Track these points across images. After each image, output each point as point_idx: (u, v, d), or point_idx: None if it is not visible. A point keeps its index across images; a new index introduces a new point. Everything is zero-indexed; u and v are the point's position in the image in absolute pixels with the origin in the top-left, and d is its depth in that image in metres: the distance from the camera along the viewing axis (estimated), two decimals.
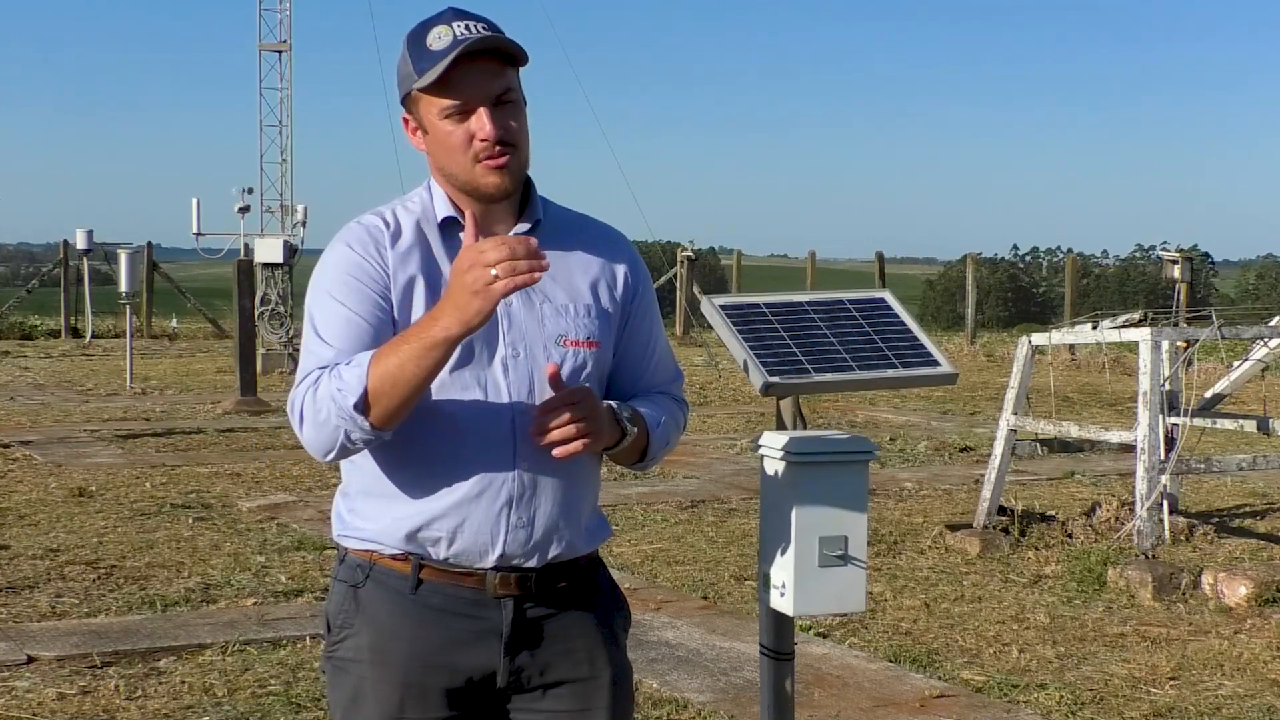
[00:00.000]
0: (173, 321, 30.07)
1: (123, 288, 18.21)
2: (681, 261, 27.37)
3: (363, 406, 2.26)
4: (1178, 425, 8.17)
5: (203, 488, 10.07)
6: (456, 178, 2.43)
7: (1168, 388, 8.16)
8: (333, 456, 2.35)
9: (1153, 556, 7.50)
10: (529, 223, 2.49)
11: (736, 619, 6.64)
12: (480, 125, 2.38)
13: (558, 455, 2.34)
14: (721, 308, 3.72)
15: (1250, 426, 8.49)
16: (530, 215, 2.49)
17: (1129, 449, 8.30)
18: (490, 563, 2.42)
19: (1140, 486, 7.63)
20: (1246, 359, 9.28)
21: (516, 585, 2.44)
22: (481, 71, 2.37)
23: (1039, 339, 8.81)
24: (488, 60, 2.38)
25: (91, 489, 9.84)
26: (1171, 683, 5.76)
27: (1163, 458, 7.67)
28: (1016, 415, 8.44)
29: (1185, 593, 7.06)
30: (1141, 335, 7.86)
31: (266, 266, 21.94)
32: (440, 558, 2.43)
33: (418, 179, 2.56)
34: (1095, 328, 9.79)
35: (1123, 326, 9.76)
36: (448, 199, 2.47)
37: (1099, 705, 5.47)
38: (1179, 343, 8.37)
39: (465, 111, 2.38)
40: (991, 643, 6.31)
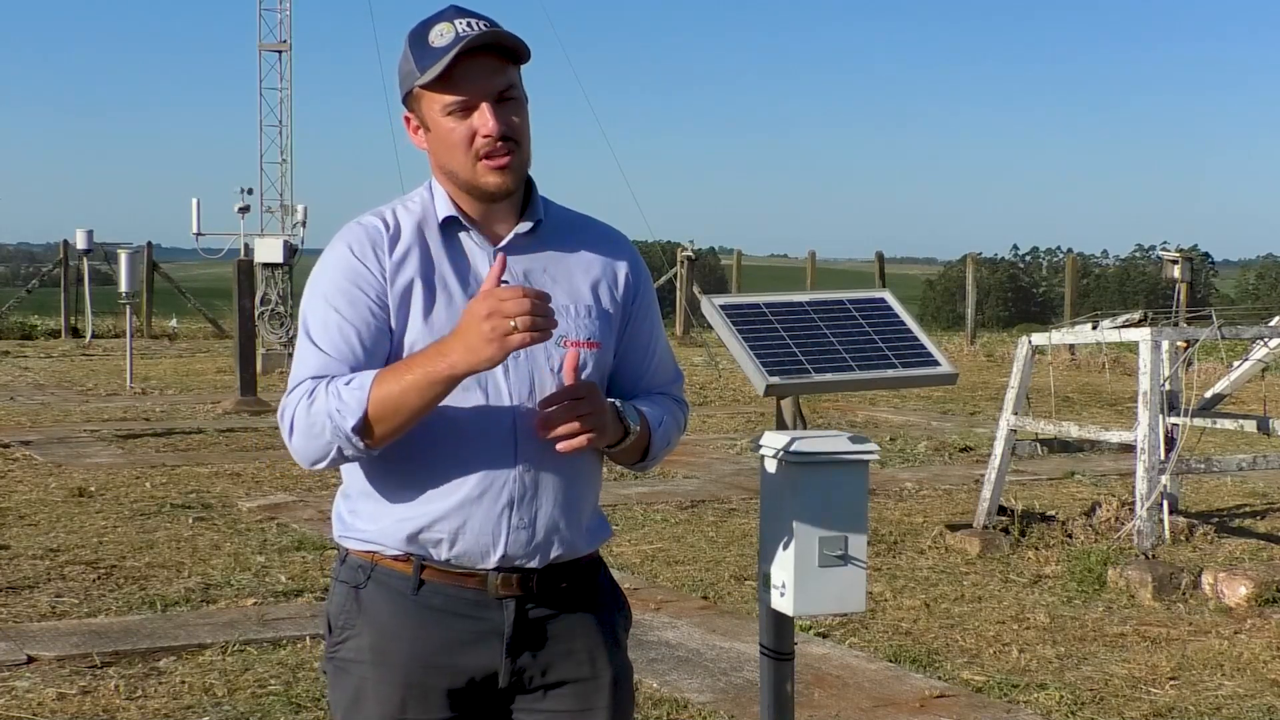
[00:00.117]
0: (173, 321, 30.06)
1: (123, 288, 18.21)
2: (681, 261, 27.36)
3: (361, 429, 2.29)
4: (1178, 425, 8.17)
5: (203, 488, 10.07)
6: (458, 176, 2.43)
7: (1168, 388, 8.16)
8: (321, 467, 2.38)
9: (1153, 556, 7.50)
10: (530, 222, 2.48)
11: (736, 619, 6.64)
12: (483, 121, 2.38)
13: (561, 450, 2.35)
14: (721, 308, 3.72)
15: (1250, 426, 8.50)
16: (531, 215, 2.49)
17: (1129, 449, 8.30)
18: (492, 563, 2.42)
19: (1140, 486, 7.63)
20: (1246, 359, 9.28)
21: (518, 586, 2.44)
22: (484, 68, 2.38)
23: (1039, 339, 8.81)
24: (490, 57, 2.38)
25: (91, 489, 9.84)
26: (1171, 683, 5.76)
27: (1163, 458, 7.67)
28: (1016, 415, 8.44)
29: (1185, 593, 7.06)
30: (1141, 335, 7.86)
31: (266, 266, 21.95)
32: (442, 559, 2.43)
33: (418, 179, 2.55)
34: (1095, 328, 9.79)
35: (1123, 326, 9.76)
36: (449, 199, 2.46)
37: (1099, 705, 5.47)
38: (1179, 343, 8.37)
39: (468, 108, 2.38)
40: (991, 643, 6.31)
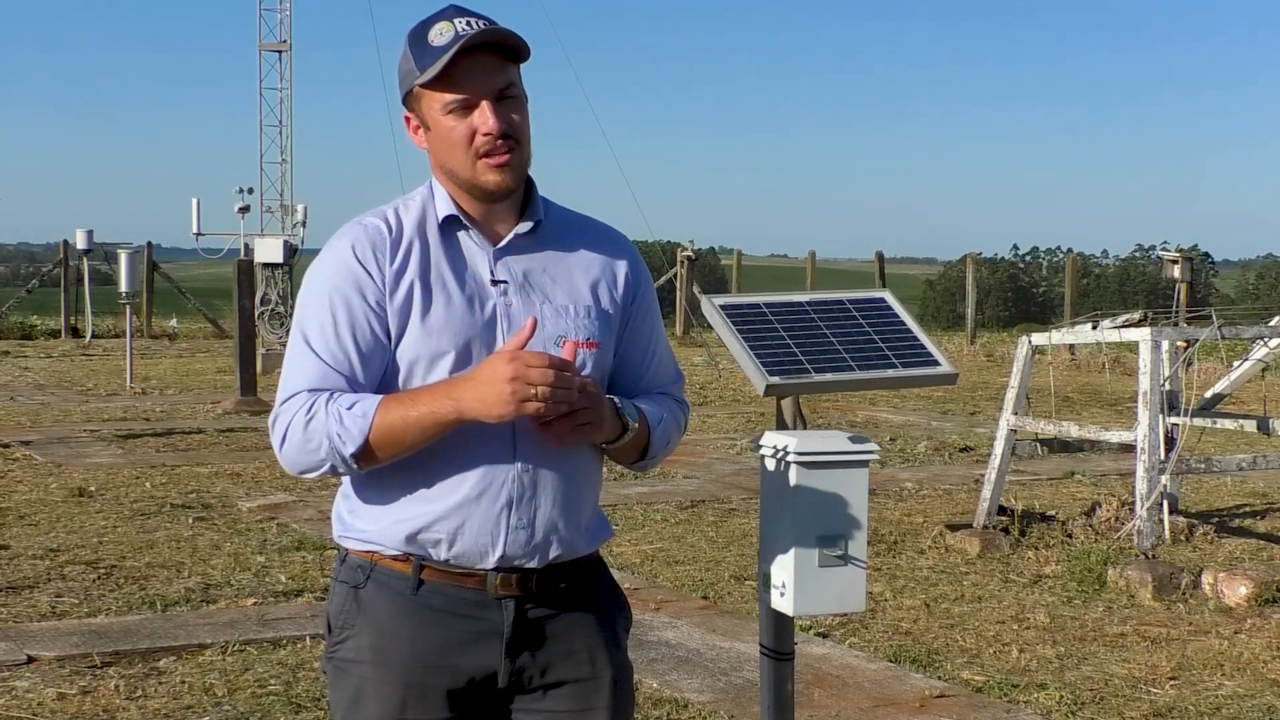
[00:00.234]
0: (173, 321, 30.05)
1: (123, 288, 18.21)
2: (681, 261, 27.35)
3: (359, 456, 2.33)
4: (1178, 425, 8.17)
5: (203, 488, 10.07)
6: (458, 175, 2.43)
7: (1168, 388, 8.16)
8: (309, 478, 2.42)
9: (1153, 556, 7.50)
10: (530, 222, 2.48)
11: (736, 619, 6.64)
12: (484, 119, 2.38)
13: (557, 444, 2.35)
14: (721, 308, 3.72)
15: (1250, 426, 8.50)
16: (531, 215, 2.49)
17: (1129, 449, 8.30)
18: (491, 564, 2.42)
19: (1140, 486, 7.63)
20: (1246, 359, 9.28)
21: (517, 586, 2.44)
22: (484, 66, 2.38)
23: (1039, 339, 8.81)
24: (490, 55, 2.39)
25: (91, 489, 9.84)
26: (1171, 683, 5.76)
27: (1163, 458, 7.67)
28: (1016, 415, 8.44)
29: (1185, 593, 7.06)
30: (1141, 335, 7.86)
31: (266, 266, 21.97)
32: (441, 559, 2.43)
33: (418, 179, 2.55)
34: (1095, 328, 9.79)
35: (1123, 326, 9.77)
36: (449, 198, 2.46)
37: (1099, 705, 5.47)
38: (1179, 343, 8.37)
39: (468, 106, 2.38)
40: (991, 643, 6.31)
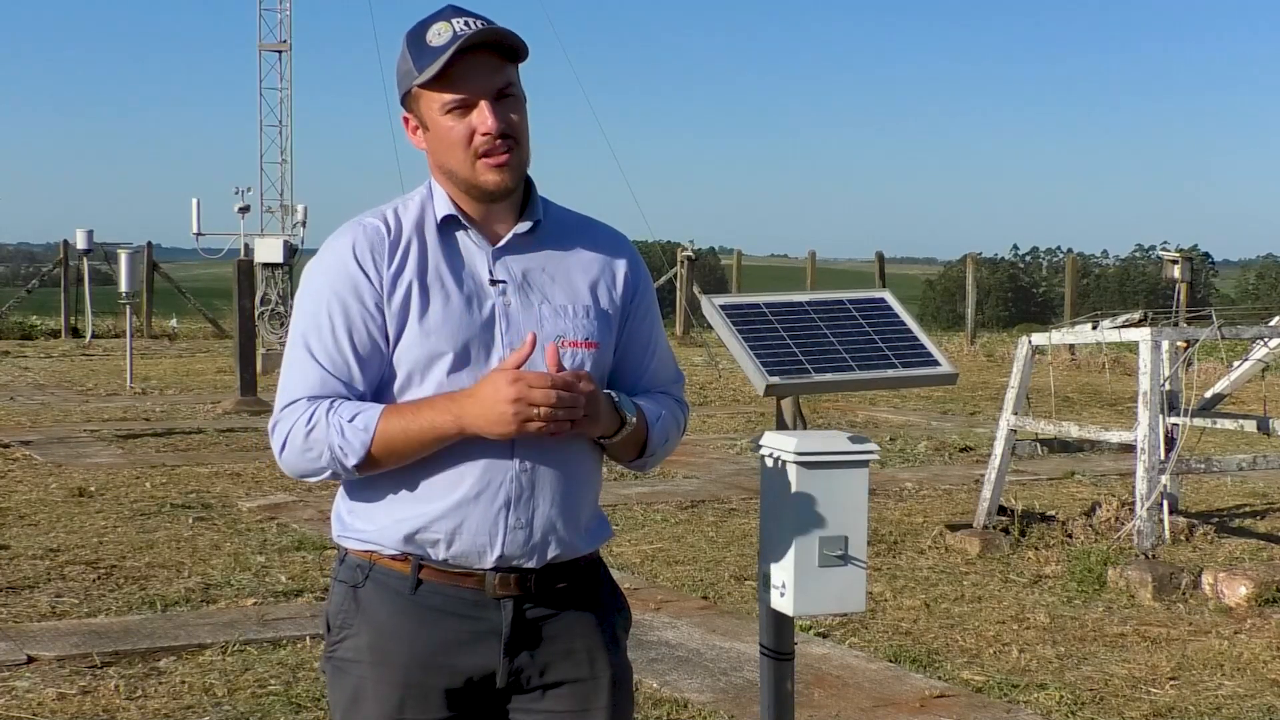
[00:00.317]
0: (173, 321, 30.06)
1: (123, 288, 18.21)
2: (681, 261, 27.35)
3: (360, 466, 2.36)
4: (1178, 425, 8.17)
5: (203, 488, 10.07)
6: (457, 175, 2.43)
7: (1168, 388, 8.16)
8: (308, 482, 2.42)
9: (1153, 556, 7.50)
10: (529, 222, 2.48)
11: (736, 619, 6.64)
12: (482, 119, 2.38)
13: (555, 434, 2.34)
14: (721, 308, 3.73)
15: (1250, 426, 8.50)
16: (530, 215, 2.49)
17: (1129, 449, 8.30)
18: (489, 563, 2.42)
19: (1140, 486, 7.63)
20: (1246, 359, 9.28)
21: (516, 586, 2.44)
22: (482, 66, 2.38)
23: (1039, 339, 8.81)
24: (488, 55, 2.39)
25: (91, 489, 9.84)
26: (1171, 683, 5.76)
27: (1163, 458, 7.67)
28: (1016, 415, 8.44)
29: (1185, 593, 7.06)
30: (1141, 335, 7.86)
31: (266, 266, 21.97)
32: (439, 559, 2.43)
33: (418, 179, 2.54)
34: (1095, 328, 9.78)
35: (1123, 326, 9.75)
36: (448, 198, 2.47)
37: (1099, 705, 5.47)
38: (1179, 343, 8.37)
39: (466, 106, 2.39)
40: (991, 643, 6.31)
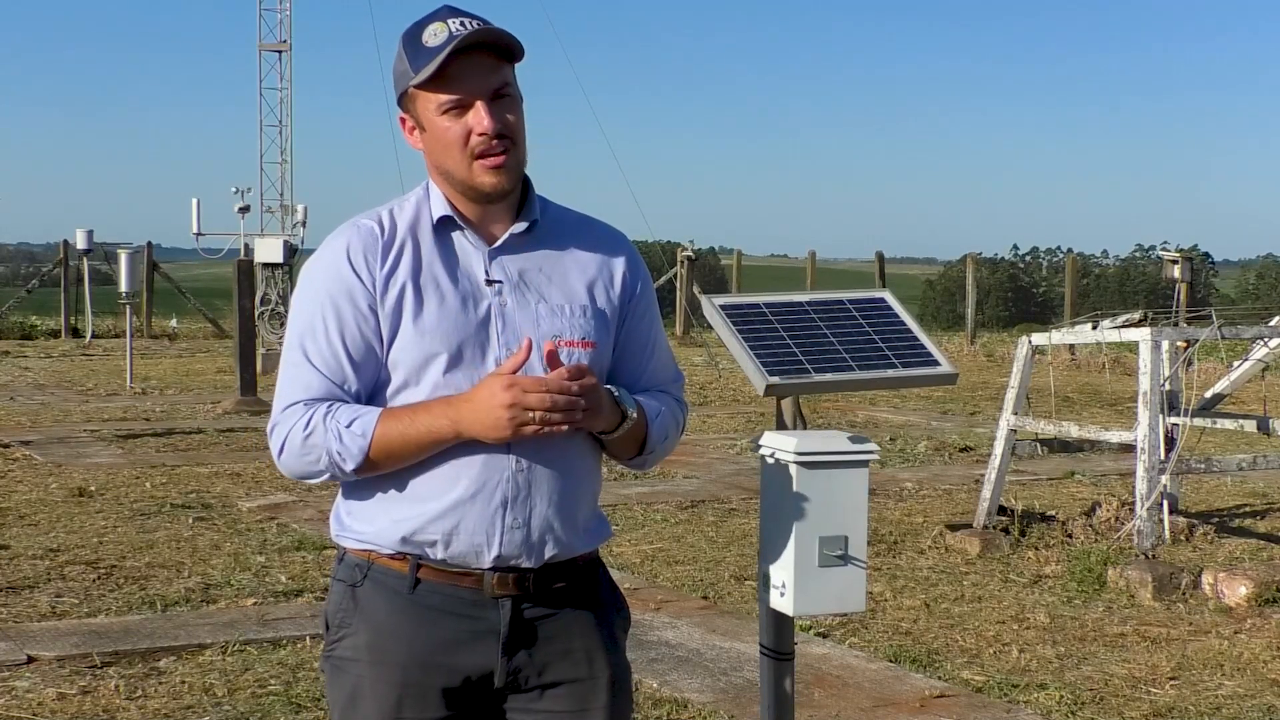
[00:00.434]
0: (173, 321, 30.06)
1: (123, 288, 18.21)
2: (681, 261, 27.34)
3: (358, 470, 2.38)
4: (1178, 425, 8.16)
5: (203, 488, 10.07)
6: (453, 176, 2.43)
7: (1168, 388, 8.16)
8: (308, 483, 2.47)
9: (1153, 556, 7.50)
10: (526, 222, 2.49)
11: (736, 619, 6.64)
12: (478, 119, 2.38)
13: (557, 427, 2.33)
14: (721, 308, 3.72)
15: (1250, 426, 8.50)
16: (527, 215, 2.49)
17: (1129, 449, 8.30)
18: (487, 563, 2.42)
19: (1140, 486, 7.63)
20: (1246, 359, 9.28)
21: (514, 585, 2.44)
22: (478, 66, 2.38)
23: (1039, 339, 8.81)
24: (484, 55, 2.39)
25: (91, 489, 9.83)
26: (1171, 683, 5.76)
27: (1163, 458, 7.67)
28: (1016, 415, 8.44)
29: (1185, 593, 7.06)
30: (1141, 335, 7.86)
31: (266, 266, 21.97)
32: (437, 558, 2.43)
33: (418, 179, 2.56)
34: (1095, 328, 9.78)
35: (1123, 326, 9.75)
36: (445, 199, 2.47)
37: (1099, 705, 5.47)
38: (1179, 343, 8.37)
39: (463, 106, 2.39)
40: (991, 643, 6.31)
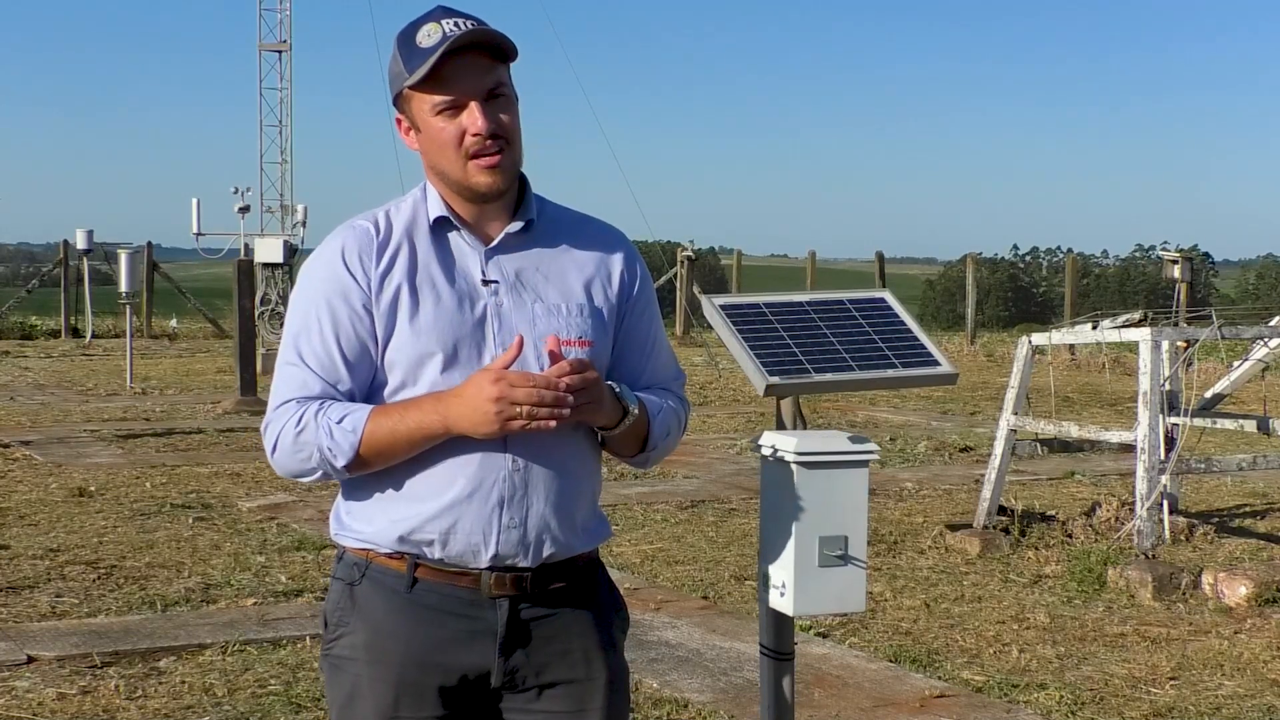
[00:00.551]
0: (173, 321, 30.06)
1: (123, 288, 18.22)
2: (681, 261, 27.35)
3: (350, 467, 2.38)
4: (1178, 425, 8.17)
5: (203, 488, 10.07)
6: (449, 176, 2.44)
7: (1168, 388, 8.16)
8: (302, 483, 2.48)
9: (1153, 556, 7.50)
10: (521, 221, 2.49)
11: (736, 619, 6.64)
12: (472, 120, 2.38)
13: (559, 421, 2.33)
14: (721, 308, 3.72)
15: (1250, 426, 8.50)
16: (523, 214, 2.49)
17: (1129, 449, 8.30)
18: (484, 563, 2.42)
19: (1140, 486, 7.63)
20: (1246, 359, 9.28)
21: (512, 585, 2.44)
22: (472, 66, 2.38)
23: (1039, 339, 8.81)
24: (478, 55, 2.39)
25: (91, 489, 9.83)
26: (1171, 683, 5.76)
27: (1163, 458, 7.67)
28: (1016, 415, 8.44)
29: (1185, 593, 7.06)
30: (1141, 335, 7.86)
31: (266, 266, 21.99)
32: (435, 558, 2.43)
33: (418, 179, 2.56)
34: (1095, 328, 9.78)
35: (1123, 326, 9.75)
36: (441, 200, 2.47)
37: (1099, 705, 5.47)
38: (1179, 343, 8.37)
39: (457, 106, 2.39)
40: (991, 643, 6.31)
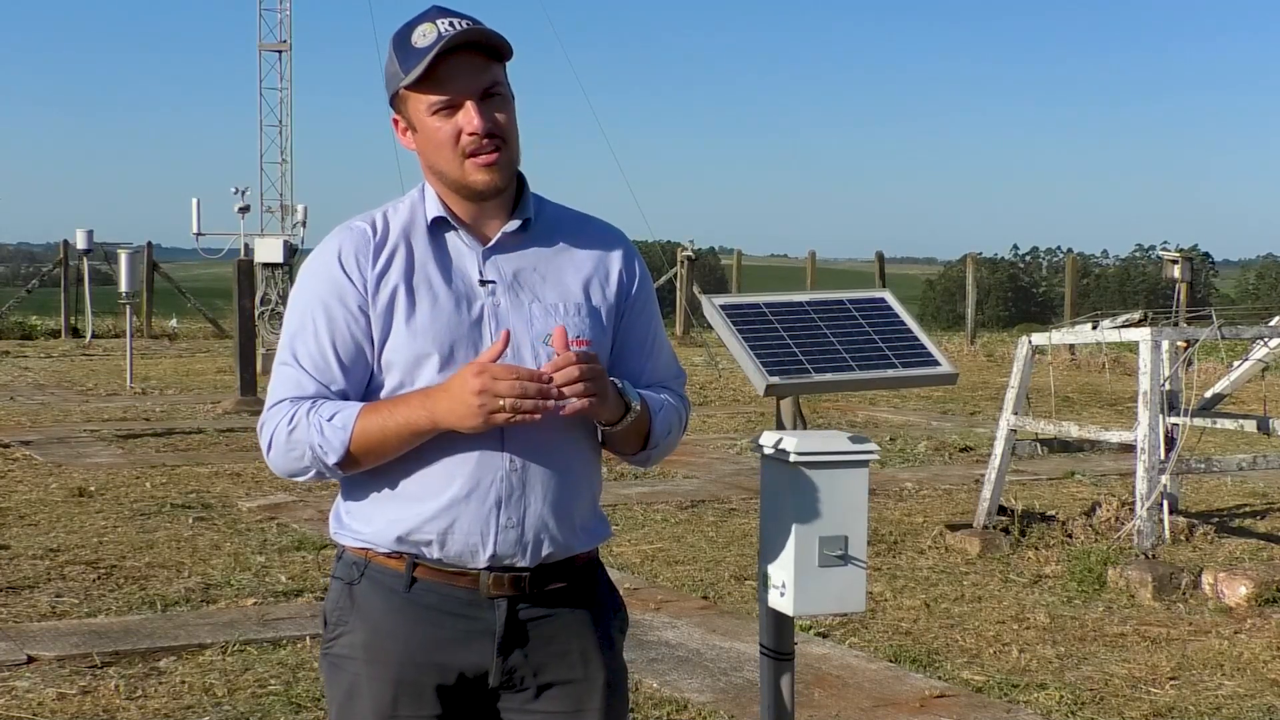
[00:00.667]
0: (173, 321, 30.06)
1: (123, 288, 18.22)
2: (681, 261, 27.34)
3: (341, 464, 2.39)
4: (1178, 425, 8.16)
5: (203, 488, 10.07)
6: (446, 175, 2.44)
7: (1168, 388, 8.16)
8: (298, 482, 2.50)
9: (1153, 556, 7.50)
10: (519, 220, 2.49)
11: (736, 619, 6.64)
12: (468, 119, 2.38)
13: (565, 414, 2.33)
14: (722, 308, 3.72)
15: (1250, 426, 8.50)
16: (521, 213, 2.49)
17: (1129, 449, 8.30)
18: (483, 563, 2.42)
19: (1140, 486, 7.63)
20: (1246, 359, 9.28)
21: (510, 585, 2.44)
22: (467, 66, 2.38)
23: (1039, 339, 8.81)
24: (473, 54, 2.39)
25: (91, 489, 9.83)
26: (1171, 683, 5.76)
27: (1163, 458, 7.67)
28: (1016, 415, 8.44)
29: (1185, 593, 7.06)
30: (1141, 335, 7.86)
31: (266, 266, 21.97)
32: (433, 558, 2.43)
33: (417, 179, 2.56)
34: (1095, 328, 9.78)
35: (1123, 326, 9.75)
36: (439, 200, 2.47)
37: (1099, 705, 5.47)
38: (1179, 343, 8.37)
39: (453, 106, 2.39)
40: (991, 643, 6.31)
